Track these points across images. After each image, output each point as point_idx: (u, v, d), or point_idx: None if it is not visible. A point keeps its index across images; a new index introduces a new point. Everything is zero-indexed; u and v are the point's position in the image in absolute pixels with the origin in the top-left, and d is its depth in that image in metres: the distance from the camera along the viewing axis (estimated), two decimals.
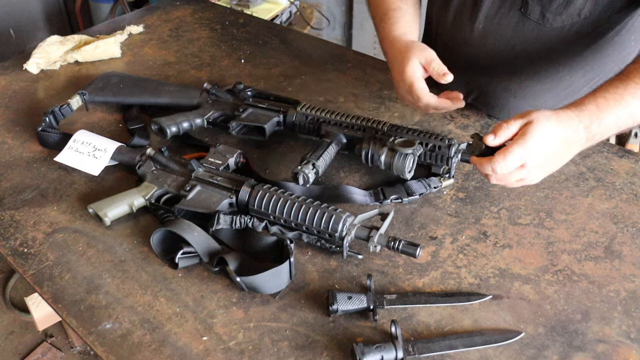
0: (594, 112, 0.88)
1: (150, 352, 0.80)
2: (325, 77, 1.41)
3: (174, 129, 1.14)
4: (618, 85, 0.90)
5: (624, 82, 0.91)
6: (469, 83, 1.26)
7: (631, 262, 0.92)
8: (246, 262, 0.89)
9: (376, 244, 0.87)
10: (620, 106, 0.89)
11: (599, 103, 0.89)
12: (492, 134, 0.88)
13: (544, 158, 0.87)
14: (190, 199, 0.97)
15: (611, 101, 0.89)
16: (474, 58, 1.22)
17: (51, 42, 1.48)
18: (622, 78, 0.92)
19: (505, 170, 0.86)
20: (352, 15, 3.25)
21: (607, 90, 0.90)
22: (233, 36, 1.61)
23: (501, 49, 1.18)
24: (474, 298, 0.86)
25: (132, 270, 0.92)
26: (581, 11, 1.06)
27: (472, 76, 1.25)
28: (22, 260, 0.93)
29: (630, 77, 0.91)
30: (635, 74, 0.91)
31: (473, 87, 1.26)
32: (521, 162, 0.86)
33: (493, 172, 0.87)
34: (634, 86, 0.90)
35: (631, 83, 0.90)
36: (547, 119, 0.86)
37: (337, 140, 1.08)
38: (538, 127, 0.85)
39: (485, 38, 1.17)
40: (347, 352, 0.79)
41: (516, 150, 0.85)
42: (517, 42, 1.15)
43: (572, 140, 0.88)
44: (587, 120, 0.88)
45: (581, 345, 0.80)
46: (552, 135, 0.86)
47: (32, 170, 1.12)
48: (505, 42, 1.16)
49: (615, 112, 0.89)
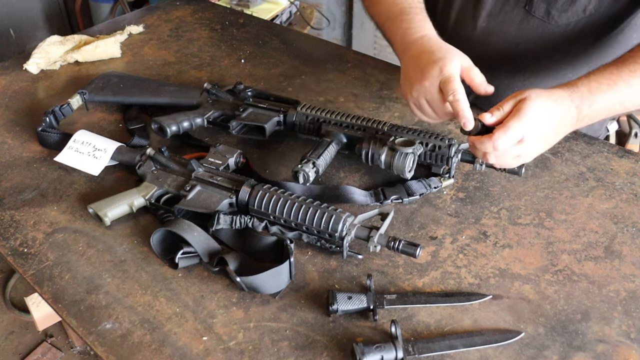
0: (585, 94, 0.90)
1: (150, 352, 0.80)
2: (325, 77, 1.41)
3: (174, 128, 1.14)
4: (612, 70, 0.92)
5: (618, 68, 0.92)
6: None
7: (631, 262, 0.92)
8: (246, 262, 0.89)
9: (376, 244, 0.87)
10: (611, 91, 0.90)
11: (591, 86, 0.90)
12: (488, 113, 0.89)
13: (541, 132, 0.88)
14: (190, 199, 0.97)
15: (604, 85, 0.90)
16: (477, 56, 1.21)
17: (51, 42, 1.48)
18: (617, 64, 0.93)
19: (506, 144, 0.87)
20: (352, 15, 3.25)
21: (601, 74, 0.92)
22: (233, 36, 1.61)
23: (504, 47, 1.17)
24: (474, 298, 0.86)
25: (132, 270, 0.92)
26: (586, 8, 1.05)
27: None
28: (22, 260, 0.93)
29: (626, 64, 0.92)
30: (630, 61, 0.92)
31: None
32: (520, 136, 0.87)
33: (494, 149, 0.88)
34: (627, 73, 0.91)
35: (625, 70, 0.91)
36: (540, 96, 0.88)
37: (337, 139, 1.08)
38: (533, 103, 0.87)
39: (488, 36, 1.17)
40: (347, 352, 0.79)
41: (515, 124, 0.86)
42: (520, 40, 1.14)
43: (564, 118, 0.90)
44: (578, 101, 0.90)
45: (581, 345, 0.80)
46: (547, 111, 0.88)
47: (32, 170, 1.12)
48: (509, 40, 1.15)
49: (606, 96, 0.90)
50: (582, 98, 0.90)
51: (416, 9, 1.08)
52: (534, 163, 1.12)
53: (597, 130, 1.35)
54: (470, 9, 1.16)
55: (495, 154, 0.90)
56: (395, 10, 1.08)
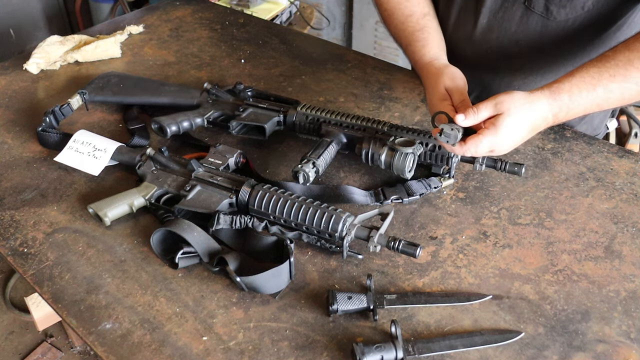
0: (565, 101, 0.93)
1: (150, 352, 0.80)
2: (325, 77, 1.41)
3: (174, 128, 1.14)
4: (593, 75, 0.94)
5: (600, 70, 0.94)
6: (472, 80, 1.26)
7: (631, 262, 0.92)
8: (246, 262, 0.89)
9: (376, 244, 0.87)
10: (590, 97, 0.94)
11: (572, 92, 0.93)
12: (462, 114, 0.92)
13: (512, 143, 0.93)
14: (190, 199, 0.97)
15: (584, 91, 0.93)
16: (478, 54, 1.22)
17: (51, 42, 1.48)
18: (599, 66, 0.95)
19: (477, 154, 0.94)
20: (352, 15, 3.25)
21: (582, 77, 0.94)
22: (233, 36, 1.61)
23: (505, 44, 1.18)
24: (474, 298, 0.86)
25: (132, 270, 0.92)
26: (585, 4, 1.07)
27: (475, 72, 1.25)
28: (22, 260, 0.93)
29: (607, 66, 0.94)
30: (612, 64, 0.94)
31: (476, 84, 1.26)
32: (491, 149, 0.93)
33: (464, 154, 0.95)
34: (607, 78, 0.93)
35: (605, 74, 0.94)
36: (519, 109, 0.91)
37: (337, 139, 1.08)
38: (509, 120, 0.90)
39: (489, 33, 1.18)
40: (347, 352, 0.79)
41: (487, 139, 0.91)
42: (521, 36, 1.15)
43: (539, 125, 0.94)
44: (557, 109, 0.93)
45: (581, 345, 0.80)
46: (522, 124, 0.91)
47: (32, 170, 1.12)
48: (509, 36, 1.16)
49: (584, 101, 0.94)
50: (561, 106, 0.93)
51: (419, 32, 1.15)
52: (534, 163, 1.12)
53: (596, 128, 1.36)
54: (471, 7, 1.17)
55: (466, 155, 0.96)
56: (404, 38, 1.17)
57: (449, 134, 0.93)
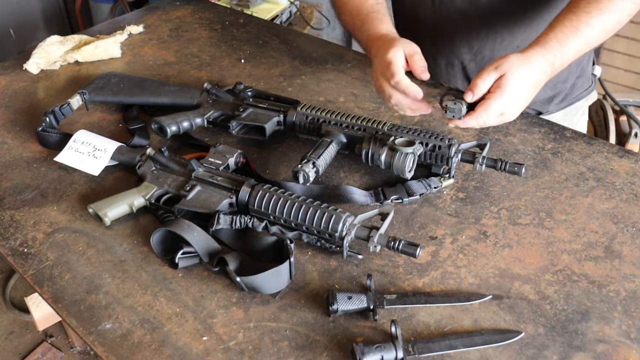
0: (557, 48, 0.98)
1: (150, 352, 0.80)
2: (325, 77, 1.41)
3: (174, 128, 1.14)
4: (572, 18, 0.99)
5: (576, 13, 0.99)
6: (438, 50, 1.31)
7: (631, 262, 0.92)
8: (246, 262, 0.89)
9: (376, 244, 0.87)
10: (577, 38, 0.99)
11: (559, 39, 0.98)
12: (469, 92, 0.96)
13: (520, 102, 0.97)
14: (190, 199, 0.97)
15: (570, 34, 0.98)
16: (440, 23, 1.27)
17: (51, 42, 1.48)
18: (573, 9, 1.00)
19: (488, 120, 0.97)
20: None
21: (563, 24, 0.99)
22: (233, 36, 1.61)
23: (458, 10, 1.23)
24: (474, 298, 0.86)
25: (132, 270, 0.92)
26: None
27: (439, 41, 1.30)
28: (22, 260, 0.93)
29: (580, 7, 1.00)
30: (583, 2, 1.00)
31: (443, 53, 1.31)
32: (501, 111, 0.96)
33: (478, 125, 0.98)
34: (585, 16, 0.99)
35: (582, 14, 0.99)
36: (519, 68, 0.95)
37: (337, 140, 1.08)
38: (513, 79, 0.94)
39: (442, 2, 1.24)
40: (347, 352, 0.79)
41: (496, 103, 0.95)
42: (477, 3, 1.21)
43: (540, 79, 0.98)
44: (552, 57, 0.98)
45: (581, 345, 0.80)
46: (526, 82, 0.95)
47: (32, 170, 1.12)
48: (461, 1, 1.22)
49: (573, 43, 0.99)
50: (554, 53, 0.97)
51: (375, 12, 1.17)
52: (534, 163, 1.12)
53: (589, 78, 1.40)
54: None
55: (478, 124, 0.98)
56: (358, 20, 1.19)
57: (453, 108, 0.97)
